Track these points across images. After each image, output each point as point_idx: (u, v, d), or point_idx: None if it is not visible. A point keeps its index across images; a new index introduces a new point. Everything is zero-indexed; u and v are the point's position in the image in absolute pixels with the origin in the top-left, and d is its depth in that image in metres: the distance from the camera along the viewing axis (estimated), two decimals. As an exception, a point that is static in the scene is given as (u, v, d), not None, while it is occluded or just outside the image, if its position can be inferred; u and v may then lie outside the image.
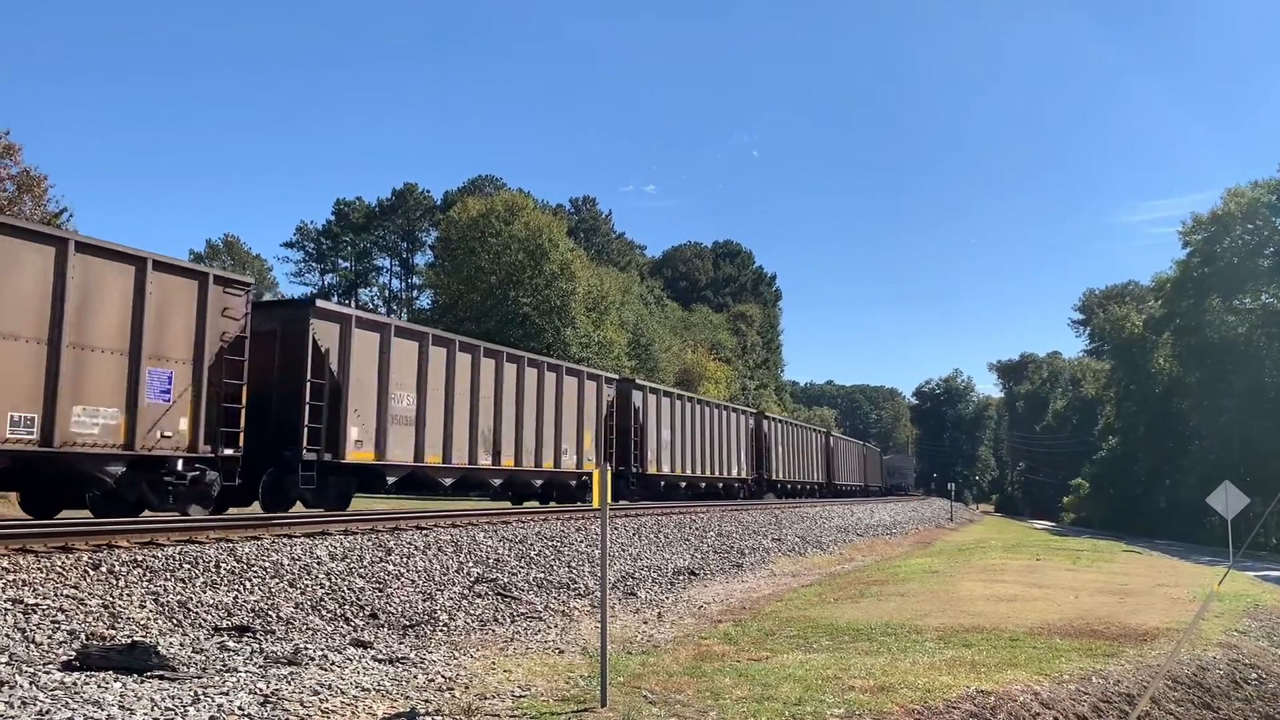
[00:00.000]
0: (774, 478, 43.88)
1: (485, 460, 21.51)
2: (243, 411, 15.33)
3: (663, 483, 30.91)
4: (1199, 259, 65.51)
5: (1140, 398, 75.78)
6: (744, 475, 39.43)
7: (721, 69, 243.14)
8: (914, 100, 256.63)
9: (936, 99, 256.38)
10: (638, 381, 28.98)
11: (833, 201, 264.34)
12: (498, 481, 22.67)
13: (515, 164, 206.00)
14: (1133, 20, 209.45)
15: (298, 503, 17.36)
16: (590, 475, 24.78)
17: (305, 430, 16.61)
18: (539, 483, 24.30)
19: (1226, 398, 61.55)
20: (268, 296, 62.67)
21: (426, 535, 14.58)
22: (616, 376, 28.41)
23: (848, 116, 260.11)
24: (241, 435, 15.32)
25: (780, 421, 46.45)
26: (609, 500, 7.83)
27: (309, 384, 16.73)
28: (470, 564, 13.96)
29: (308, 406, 16.69)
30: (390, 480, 18.93)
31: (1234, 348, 61.98)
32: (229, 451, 15.12)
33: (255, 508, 17.11)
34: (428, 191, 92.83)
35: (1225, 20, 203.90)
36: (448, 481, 20.65)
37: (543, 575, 14.58)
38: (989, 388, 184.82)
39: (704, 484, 34.80)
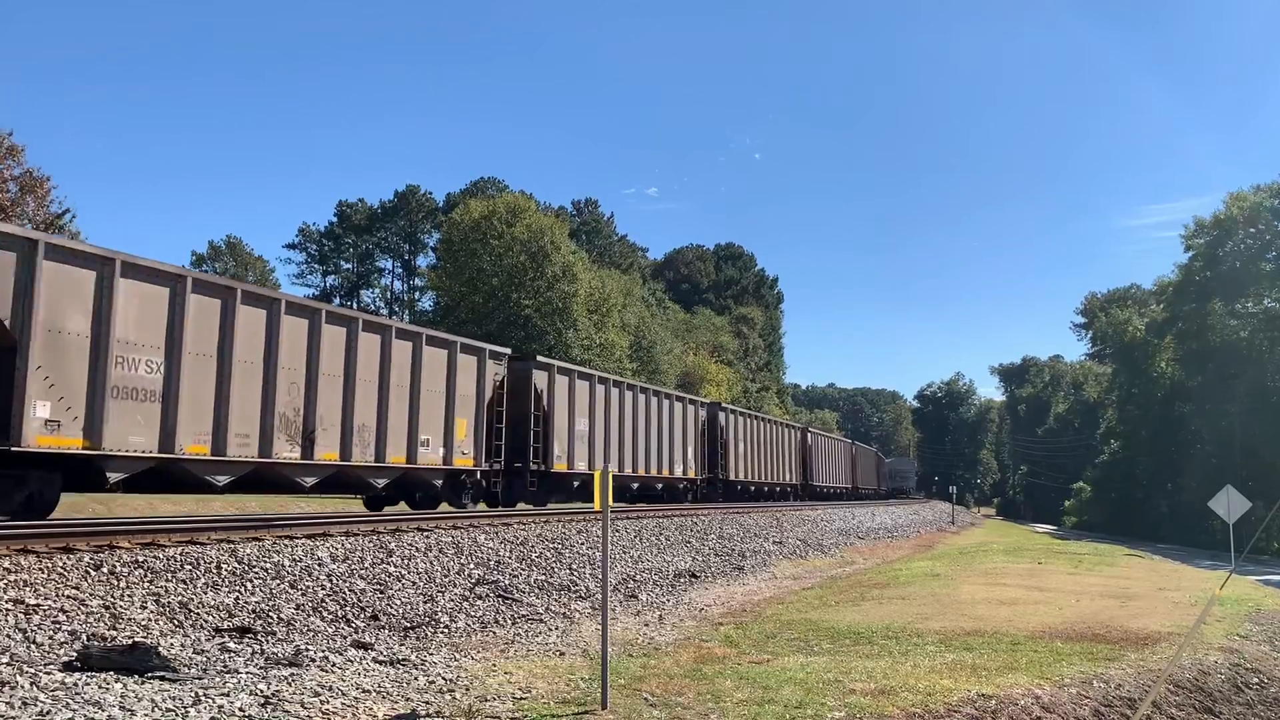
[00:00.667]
0: (732, 477, 37.21)
1: (288, 452, 16.20)
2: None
3: (575, 482, 25.23)
4: (1201, 263, 65.51)
5: (1142, 401, 75.73)
6: (693, 474, 32.76)
7: (724, 72, 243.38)
8: (917, 104, 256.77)
9: (939, 102, 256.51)
10: (540, 359, 23.02)
11: (835, 205, 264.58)
12: (310, 480, 17.02)
13: (517, 166, 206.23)
14: (1135, 24, 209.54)
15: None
16: (465, 472, 20.96)
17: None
18: (381, 482, 18.65)
19: (1228, 402, 61.51)
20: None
21: (427, 537, 14.57)
22: (507, 351, 23.33)
23: (850, 120, 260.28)
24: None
25: (741, 414, 39.01)
26: (609, 503, 7.82)
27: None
28: (471, 566, 13.96)
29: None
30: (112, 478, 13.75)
31: (1236, 351, 61.95)
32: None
33: (251, 507, 17.08)
34: (430, 193, 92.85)
35: (1228, 25, 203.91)
36: (217, 479, 15.09)
37: (544, 577, 14.57)
38: (991, 391, 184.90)
39: (635, 484, 28.65)
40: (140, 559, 10.26)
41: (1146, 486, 76.05)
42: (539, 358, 24.88)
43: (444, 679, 8.08)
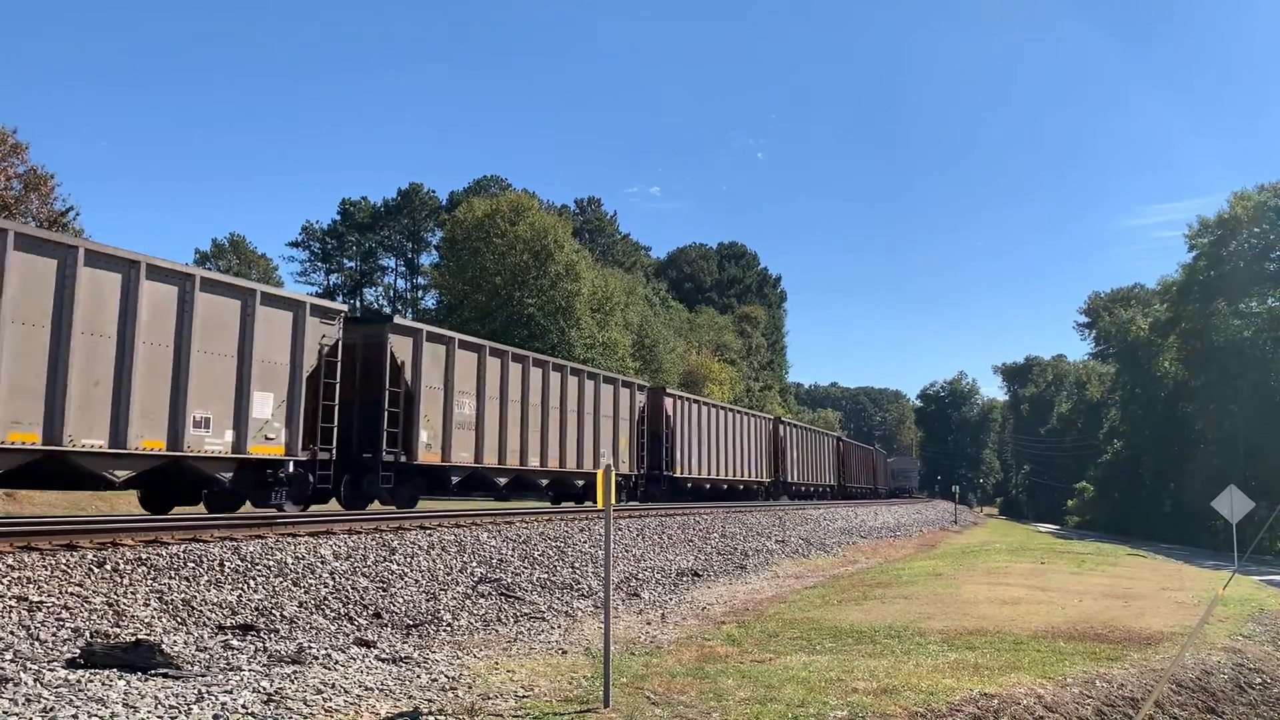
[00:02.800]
0: (679, 473, 35.16)
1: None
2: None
3: (455, 477, 22.42)
4: (1205, 263, 65.42)
5: (1145, 401, 75.66)
6: (626, 469, 30.28)
7: (727, 72, 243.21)
8: (921, 104, 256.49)
9: (944, 102, 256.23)
10: (400, 321, 20.27)
11: (838, 204, 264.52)
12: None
13: (520, 165, 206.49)
14: (1140, 28, 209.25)
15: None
16: (272, 463, 18.02)
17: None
18: (121, 474, 14.86)
19: (1232, 402, 61.45)
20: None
21: (430, 535, 14.58)
22: (341, 308, 23.27)
23: (854, 120, 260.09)
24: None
25: (692, 401, 35.57)
26: (612, 501, 7.83)
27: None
28: (474, 564, 13.96)
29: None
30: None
31: (1240, 351, 61.86)
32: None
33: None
34: (433, 192, 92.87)
35: (1232, 26, 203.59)
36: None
37: (546, 575, 14.58)
38: (994, 390, 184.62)
39: (545, 480, 25.58)
40: (143, 556, 10.27)
41: (1149, 486, 75.96)
42: (397, 319, 20.60)
43: (446, 677, 8.09)
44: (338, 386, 17.82)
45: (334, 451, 17.73)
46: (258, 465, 16.18)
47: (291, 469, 16.87)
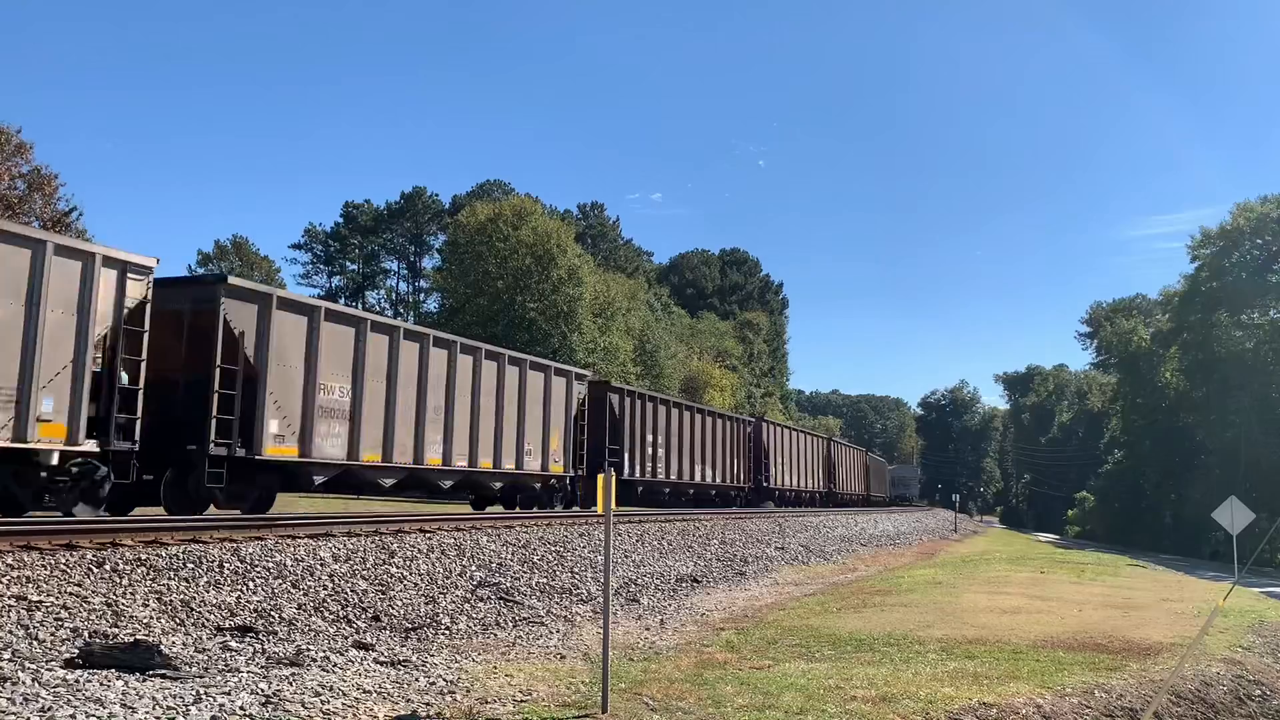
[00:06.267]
0: (627, 475, 31.61)
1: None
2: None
3: (319, 477, 19.21)
4: (1207, 273, 65.38)
5: (1147, 412, 75.57)
6: (559, 470, 26.13)
7: (728, 79, 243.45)
8: (923, 112, 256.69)
9: (946, 111, 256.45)
10: (236, 282, 16.44)
11: (839, 212, 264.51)
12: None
13: (523, 169, 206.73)
14: (1141, 36, 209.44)
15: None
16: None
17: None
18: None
19: (1233, 413, 61.36)
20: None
21: (430, 538, 14.58)
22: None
23: (855, 128, 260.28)
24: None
25: (648, 398, 31.89)
26: (613, 506, 7.83)
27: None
28: (473, 568, 13.96)
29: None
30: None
31: (1241, 363, 61.81)
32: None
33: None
34: (436, 195, 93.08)
35: (1236, 37, 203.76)
36: None
37: (545, 580, 14.57)
38: (995, 399, 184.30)
39: (449, 482, 21.65)
40: (143, 557, 10.27)
41: (1150, 497, 75.85)
42: (235, 279, 16.72)
43: (445, 680, 8.08)
44: (144, 362, 14.15)
45: (137, 442, 14.05)
46: (26, 459, 12.80)
47: (77, 464, 13.46)
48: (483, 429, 21.57)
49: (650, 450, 30.84)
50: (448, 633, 10.96)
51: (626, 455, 29.09)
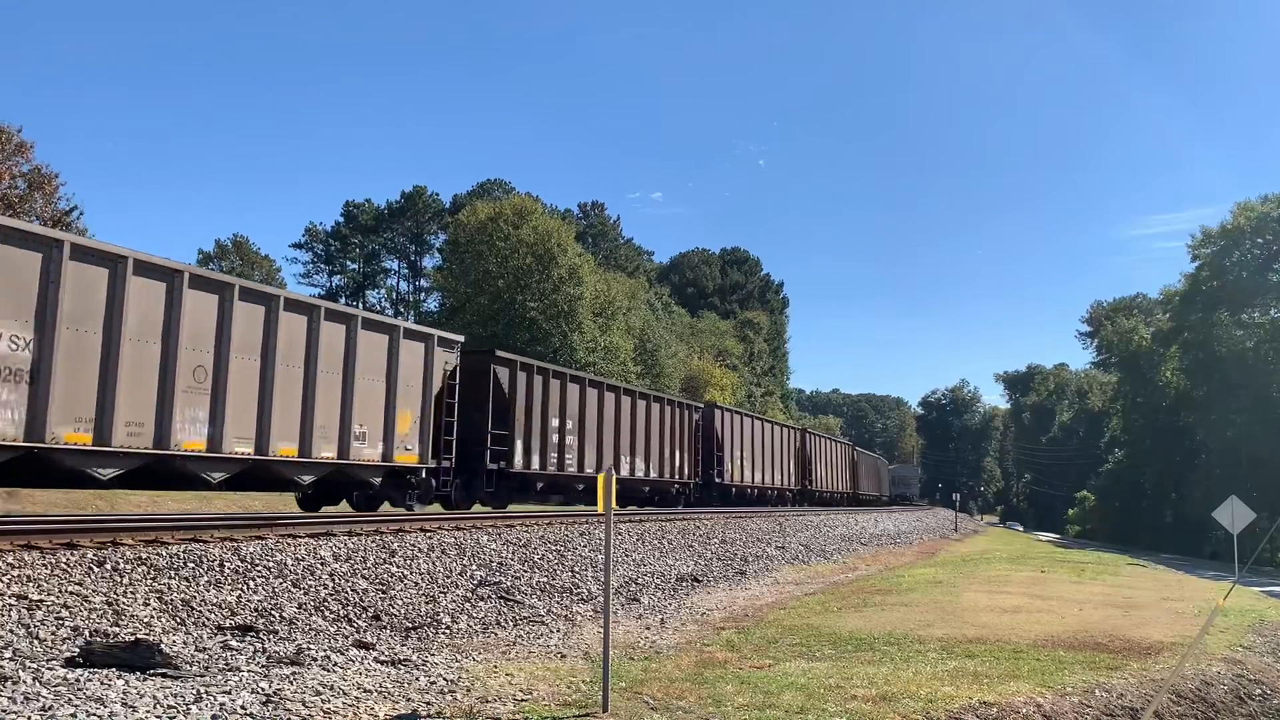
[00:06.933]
0: (519, 468, 24.78)
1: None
2: None
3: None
4: (1208, 273, 65.44)
5: (1147, 411, 75.64)
6: (411, 458, 16.53)
7: (729, 78, 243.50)
8: (924, 112, 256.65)
9: (947, 110, 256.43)
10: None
11: (840, 211, 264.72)
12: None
13: (523, 169, 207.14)
14: (1142, 35, 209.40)
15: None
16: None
17: None
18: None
19: (1234, 412, 61.40)
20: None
21: (430, 537, 14.58)
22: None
23: (855, 128, 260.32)
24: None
25: (553, 373, 25.15)
26: (613, 505, 7.82)
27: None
28: (473, 567, 13.96)
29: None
30: None
31: (1242, 362, 61.86)
32: None
33: (255, 506, 17.06)
34: (436, 194, 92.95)
35: (1237, 37, 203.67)
36: None
37: (546, 579, 14.57)
38: (995, 399, 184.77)
39: (215, 475, 15.69)
40: (143, 556, 10.27)
41: (1150, 496, 75.93)
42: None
43: (445, 680, 8.08)
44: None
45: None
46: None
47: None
48: (272, 402, 15.82)
49: (555, 438, 24.75)
50: (448, 632, 10.96)
51: (520, 443, 22.96)
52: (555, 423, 24.68)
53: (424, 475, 19.75)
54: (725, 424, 37.78)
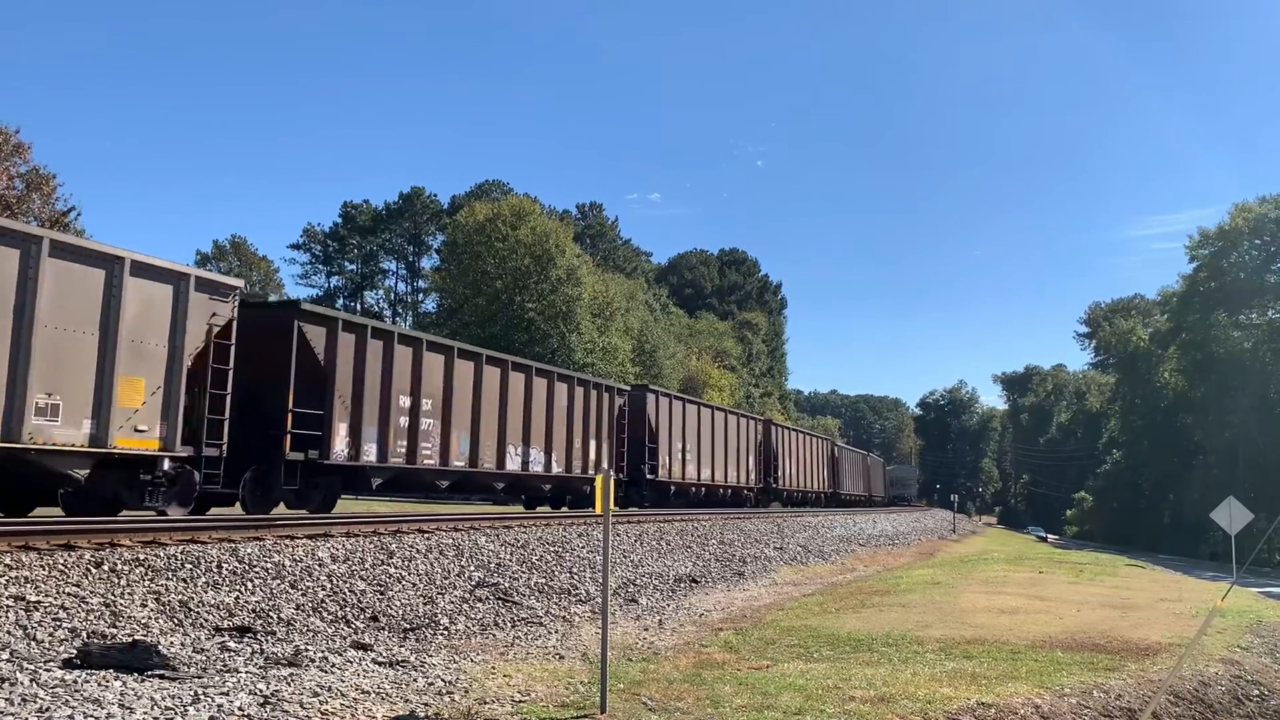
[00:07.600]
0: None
1: None
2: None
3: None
4: (1206, 274, 65.49)
5: (1145, 411, 75.68)
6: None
7: (727, 79, 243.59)
8: (923, 113, 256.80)
9: (945, 111, 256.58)
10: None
11: (838, 212, 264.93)
12: None
13: (521, 170, 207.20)
14: (1142, 35, 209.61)
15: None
16: None
17: None
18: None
19: (1232, 413, 61.45)
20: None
21: (428, 539, 14.57)
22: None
23: (854, 129, 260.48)
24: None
25: (428, 343, 20.74)
26: (611, 506, 7.82)
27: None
28: (471, 568, 13.95)
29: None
30: None
31: (1240, 363, 61.92)
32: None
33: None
34: (434, 195, 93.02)
35: (1236, 38, 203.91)
36: None
37: (544, 580, 14.56)
38: (993, 399, 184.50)
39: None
40: (141, 557, 10.26)
41: (1148, 497, 75.97)
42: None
43: (443, 681, 8.08)
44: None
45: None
46: None
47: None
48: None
49: (405, 421, 20.66)
50: (446, 633, 10.95)
51: (343, 425, 18.89)
52: (405, 402, 19.67)
53: (170, 467, 14.31)
54: (661, 410, 31.86)
